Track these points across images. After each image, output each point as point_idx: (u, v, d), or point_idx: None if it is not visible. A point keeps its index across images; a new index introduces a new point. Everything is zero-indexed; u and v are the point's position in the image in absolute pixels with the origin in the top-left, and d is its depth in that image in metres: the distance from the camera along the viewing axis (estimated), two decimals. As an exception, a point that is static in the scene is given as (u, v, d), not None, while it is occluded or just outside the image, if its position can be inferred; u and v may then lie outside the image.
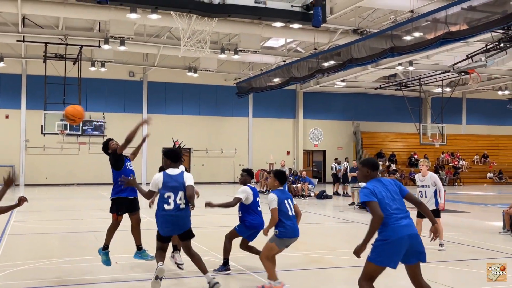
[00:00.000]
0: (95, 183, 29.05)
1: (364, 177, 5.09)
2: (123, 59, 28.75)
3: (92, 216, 15.00)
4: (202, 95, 33.30)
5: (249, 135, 34.58)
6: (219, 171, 33.49)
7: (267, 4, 3.41)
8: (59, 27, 23.87)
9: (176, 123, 32.51)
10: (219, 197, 23.55)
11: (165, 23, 21.81)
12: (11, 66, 28.39)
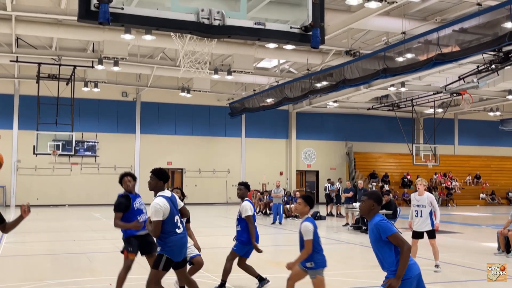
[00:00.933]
0: (87, 204, 28.83)
1: (370, 210, 4.88)
2: (116, 80, 28.78)
3: (84, 238, 14.84)
4: (195, 115, 33.33)
5: (242, 155, 34.56)
6: (212, 192, 33.36)
7: (266, 26, 3.42)
8: (52, 48, 23.90)
9: (169, 143, 32.47)
10: (211, 219, 23.46)
11: (158, 44, 21.92)
12: (3, 86, 28.35)
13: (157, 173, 5.95)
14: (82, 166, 30.14)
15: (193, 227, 7.37)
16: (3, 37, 22.26)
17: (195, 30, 3.40)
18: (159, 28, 3.52)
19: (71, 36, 21.57)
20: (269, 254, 10.90)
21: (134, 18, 3.32)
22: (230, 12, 3.48)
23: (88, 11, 3.20)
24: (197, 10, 3.41)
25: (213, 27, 3.41)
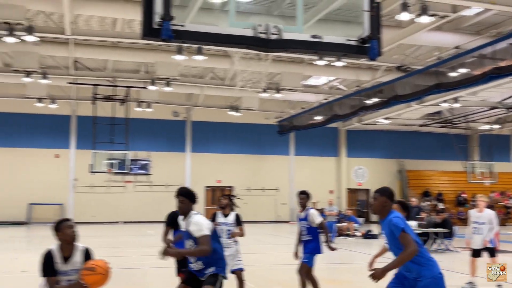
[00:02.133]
0: (140, 221, 29.37)
1: (382, 207, 4.75)
2: (168, 100, 29.43)
3: (138, 253, 15.12)
4: (244, 134, 33.58)
5: (291, 173, 34.48)
6: (261, 210, 33.35)
7: (323, 39, 3.46)
8: (108, 70, 24.72)
9: (218, 162, 32.78)
10: (261, 236, 23.45)
11: (209, 64, 22.33)
12: (62, 108, 29.41)
13: (189, 195, 5.40)
14: (136, 184, 30.81)
15: (244, 244, 7.40)
16: (61, 60, 23.22)
17: (253, 44, 3.48)
18: (218, 43, 3.62)
19: (125, 58, 22.32)
20: (323, 272, 10.80)
21: (195, 34, 3.44)
22: (286, 26, 3.54)
23: (151, 29, 3.33)
24: (254, 25, 3.49)
25: (270, 41, 3.48)
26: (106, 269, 4.72)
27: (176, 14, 3.37)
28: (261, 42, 3.46)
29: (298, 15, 3.55)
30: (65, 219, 5.08)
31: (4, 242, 18.87)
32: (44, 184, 29.68)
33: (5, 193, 28.95)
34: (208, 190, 32.49)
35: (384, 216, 4.78)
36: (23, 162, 29.65)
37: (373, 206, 4.88)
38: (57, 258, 4.87)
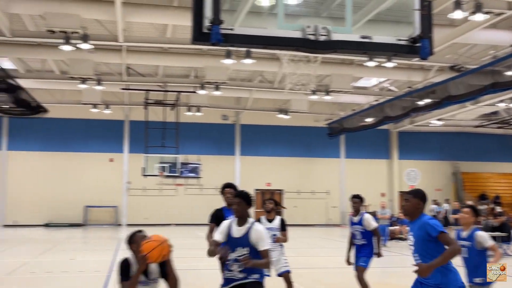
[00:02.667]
0: (191, 223, 29.78)
1: (415, 209, 4.69)
2: (217, 103, 29.75)
3: (191, 255, 15.32)
4: (293, 137, 33.50)
5: (342, 176, 34.14)
6: (311, 213, 33.18)
7: (372, 39, 3.42)
8: (158, 75, 25.24)
9: (268, 165, 32.85)
10: (312, 240, 23.33)
11: (257, 67, 22.43)
12: (115, 113, 30.23)
13: (246, 197, 5.24)
14: (186, 187, 31.27)
15: (294, 248, 7.39)
16: (115, 67, 23.87)
17: (302, 46, 3.48)
18: (267, 46, 3.64)
19: (176, 63, 22.73)
20: (375, 276, 10.64)
21: (243, 37, 3.47)
22: (335, 27, 3.52)
23: (201, 33, 3.39)
24: (302, 27, 3.50)
25: (319, 42, 3.47)
26: (162, 239, 4.65)
27: (225, 18, 3.41)
28: (310, 44, 3.46)
29: (347, 16, 3.53)
30: (138, 231, 4.99)
31: (62, 243, 19.54)
32: (99, 187, 30.57)
33: (63, 196, 29.99)
34: (257, 193, 32.60)
35: (415, 218, 4.74)
36: (79, 166, 30.64)
37: (405, 207, 4.83)
38: (133, 267, 4.77)
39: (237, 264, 5.03)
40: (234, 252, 5.11)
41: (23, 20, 18.00)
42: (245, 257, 4.94)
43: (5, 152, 30.13)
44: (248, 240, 5.05)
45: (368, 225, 7.89)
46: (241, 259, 5.00)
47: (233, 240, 5.16)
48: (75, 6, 15.59)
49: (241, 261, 4.96)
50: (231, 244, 5.15)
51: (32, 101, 20.31)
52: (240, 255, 5.04)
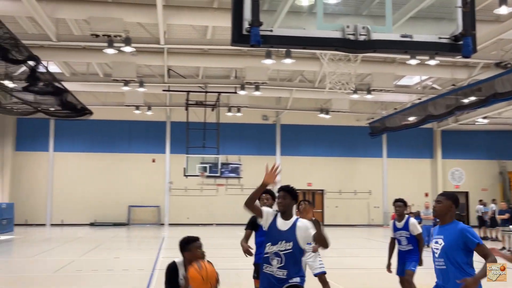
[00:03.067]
0: (232, 223, 29.97)
1: (447, 212, 4.59)
2: (257, 104, 29.83)
3: (232, 255, 15.43)
4: (334, 136, 33.27)
5: (384, 176, 33.69)
6: (353, 213, 32.88)
7: (413, 38, 3.38)
8: (199, 76, 25.50)
9: (308, 165, 32.73)
10: (354, 240, 23.11)
11: (297, 67, 22.38)
12: (157, 114, 30.73)
13: (291, 192, 5.15)
14: (227, 187, 31.48)
15: (336, 248, 7.33)
16: (156, 69, 24.26)
17: (341, 46, 3.47)
18: (306, 47, 3.64)
19: (216, 65, 22.91)
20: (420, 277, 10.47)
21: (283, 38, 3.48)
22: (375, 27, 3.49)
23: (240, 35, 3.42)
24: (342, 27, 3.48)
25: (358, 42, 3.45)
26: (209, 275, 4.51)
27: (264, 19, 3.43)
28: (350, 44, 3.44)
29: (387, 15, 3.49)
30: (194, 239, 4.93)
31: (107, 242, 19.99)
32: (142, 187, 31.13)
33: (107, 196, 30.68)
34: (298, 193, 32.43)
35: (446, 221, 4.64)
36: (123, 167, 31.29)
37: (436, 209, 4.71)
38: (181, 274, 4.76)
39: (277, 259, 4.81)
40: (275, 245, 4.87)
41: (68, 24, 18.50)
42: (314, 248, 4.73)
43: (52, 153, 31.05)
44: (294, 235, 4.85)
45: (414, 229, 7.65)
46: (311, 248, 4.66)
47: (277, 232, 4.93)
48: (118, 10, 15.92)
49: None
50: (274, 236, 4.91)
51: (77, 104, 20.84)
52: (283, 249, 4.81)
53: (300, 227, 4.89)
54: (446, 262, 4.52)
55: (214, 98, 25.69)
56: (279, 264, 4.82)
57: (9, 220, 24.75)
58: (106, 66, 23.48)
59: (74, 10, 16.08)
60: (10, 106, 21.75)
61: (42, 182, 30.69)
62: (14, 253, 17.29)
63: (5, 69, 16.10)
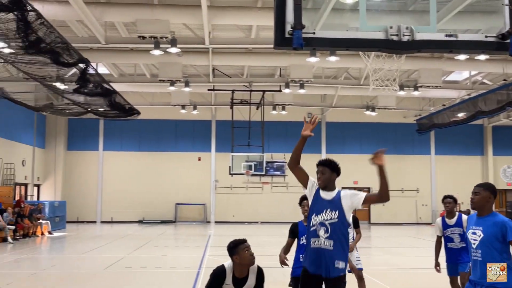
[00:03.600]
0: (278, 221, 30.03)
1: (485, 203, 4.50)
2: (302, 101, 29.74)
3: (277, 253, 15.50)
4: (381, 134, 32.82)
5: (432, 173, 33.01)
6: (400, 212, 32.36)
7: (458, 37, 3.32)
8: (244, 75, 25.65)
9: (354, 162, 32.36)
10: (401, 239, 22.77)
11: (342, 64, 22.21)
12: (202, 113, 31.11)
13: (330, 164, 5.06)
14: (273, 185, 31.55)
15: (381, 247, 7.26)
16: (201, 69, 24.56)
17: (384, 47, 3.46)
18: (349, 48, 3.64)
19: (261, 63, 22.99)
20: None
21: (325, 40, 3.49)
22: (419, 26, 3.46)
23: (283, 38, 3.46)
24: (385, 27, 3.46)
25: (402, 43, 3.42)
26: None
27: (306, 21, 3.45)
28: (393, 44, 3.42)
29: (431, 14, 3.45)
30: (241, 241, 4.90)
31: (155, 240, 20.41)
32: (189, 185, 31.59)
33: (155, 194, 31.30)
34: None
35: (484, 213, 4.54)
36: (169, 165, 31.83)
37: (474, 200, 4.61)
38: (228, 278, 4.75)
39: (324, 229, 4.66)
40: (320, 215, 4.74)
41: (116, 27, 18.98)
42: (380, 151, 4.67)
43: (101, 153, 31.90)
44: (339, 204, 4.77)
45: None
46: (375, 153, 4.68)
47: (321, 201, 4.82)
48: (164, 12, 16.22)
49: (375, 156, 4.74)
50: (319, 206, 4.79)
51: (125, 104, 21.35)
52: (329, 218, 4.68)
53: (345, 195, 4.84)
54: (483, 254, 4.45)
55: (259, 96, 25.80)
56: (326, 234, 4.67)
57: (62, 218, 25.59)
58: (153, 66, 23.95)
59: (122, 13, 16.49)
60: (61, 107, 22.52)
61: (93, 180, 31.59)
62: (67, 250, 17.88)
63: (57, 71, 16.69)
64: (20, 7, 9.60)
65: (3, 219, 19.08)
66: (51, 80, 17.39)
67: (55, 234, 22.57)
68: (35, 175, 29.46)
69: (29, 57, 12.85)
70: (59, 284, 10.48)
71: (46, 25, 11.06)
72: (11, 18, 10.15)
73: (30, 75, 15.42)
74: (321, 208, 4.76)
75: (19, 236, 19.94)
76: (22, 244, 18.33)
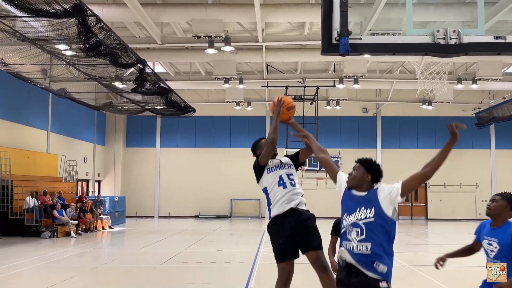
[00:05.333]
0: (333, 216, 29.88)
1: (501, 212, 4.39)
2: (357, 96, 29.46)
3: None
4: (438, 128, 32.07)
5: (492, 168, 31.98)
6: (459, 207, 31.59)
7: (506, 39, 3.31)
8: (297, 71, 25.68)
9: (411, 158, 31.82)
10: (460, 235, 22.24)
11: (398, 58, 21.85)
12: (256, 109, 31.36)
13: (366, 163, 4.33)
14: (327, 181, 31.43)
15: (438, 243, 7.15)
16: (255, 65, 24.77)
17: (431, 51, 3.48)
18: (395, 53, 3.69)
19: (314, 59, 22.93)
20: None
21: (372, 46, 3.56)
22: (466, 29, 3.47)
23: (330, 45, 3.56)
24: (432, 31, 3.49)
25: (449, 46, 3.44)
26: None
27: (354, 23, 3.52)
28: (439, 48, 3.45)
29: (479, 17, 3.45)
30: (260, 138, 5.10)
31: (211, 235, 20.84)
32: (243, 181, 31.90)
33: (210, 189, 31.88)
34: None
35: (499, 223, 4.45)
36: (224, 161, 32.31)
37: (490, 207, 4.52)
38: None
39: (356, 230, 3.98)
40: (352, 214, 4.07)
41: (172, 27, 19.45)
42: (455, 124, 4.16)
43: (159, 149, 32.75)
44: (376, 198, 4.09)
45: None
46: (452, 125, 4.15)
47: (354, 198, 4.17)
48: (218, 11, 16.49)
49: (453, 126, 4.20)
50: (352, 203, 4.14)
51: (181, 102, 21.85)
52: (363, 217, 3.99)
53: (382, 189, 4.16)
54: (504, 261, 4.42)
55: (313, 92, 25.76)
56: (360, 237, 3.95)
57: (121, 213, 26.50)
58: (208, 64, 24.37)
59: (177, 14, 16.88)
60: (120, 105, 23.30)
61: (150, 176, 32.50)
62: (126, 244, 18.56)
63: (116, 71, 17.32)
64: (81, 12, 10.05)
65: (66, 214, 19.99)
66: (110, 80, 18.06)
67: (115, 228, 23.42)
68: (96, 171, 30.64)
69: (89, 59, 13.42)
70: (119, 278, 10.95)
71: (105, 29, 11.53)
72: (72, 23, 10.66)
73: (90, 75, 16.09)
74: (354, 206, 4.11)
75: (82, 230, 20.83)
76: (85, 238, 19.15)
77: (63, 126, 25.96)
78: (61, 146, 25.54)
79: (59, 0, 9.47)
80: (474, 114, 29.05)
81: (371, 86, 27.48)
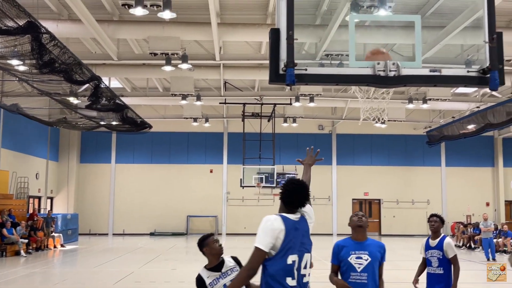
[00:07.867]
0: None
1: None
2: (313, 114, 29.95)
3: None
4: (391, 145, 32.92)
5: (443, 185, 32.97)
6: (411, 223, 32.34)
7: (442, 72, 3.54)
8: (255, 89, 25.95)
9: (365, 174, 32.51)
10: (411, 251, 22.75)
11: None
12: (214, 126, 31.44)
13: None
14: (283, 197, 31.69)
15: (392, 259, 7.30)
16: (213, 82, 24.91)
17: (372, 82, 3.68)
18: (339, 83, 3.87)
19: (271, 77, 23.24)
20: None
21: (317, 77, 3.73)
22: (404, 62, 3.68)
23: (277, 75, 3.70)
24: (373, 64, 3.69)
25: (389, 78, 3.64)
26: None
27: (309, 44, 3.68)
28: (380, 80, 3.64)
29: (416, 51, 3.66)
30: (209, 235, 5.17)
31: (165, 253, 20.65)
32: (200, 197, 31.86)
33: (167, 206, 31.61)
34: (355, 202, 32.38)
35: None
36: (181, 177, 32.14)
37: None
38: (206, 275, 4.94)
39: None
40: None
41: (129, 43, 19.38)
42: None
43: (114, 165, 32.31)
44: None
45: (447, 251, 6.46)
46: None
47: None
48: (175, 29, 16.55)
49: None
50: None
51: (137, 119, 21.72)
52: None
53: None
54: None
55: (270, 109, 26.07)
56: None
57: (74, 230, 25.95)
58: (165, 80, 24.34)
59: (134, 31, 16.86)
60: (75, 121, 22.96)
61: (105, 193, 31.99)
62: (78, 263, 18.19)
63: (70, 87, 17.11)
64: (35, 29, 9.95)
65: (16, 232, 19.46)
66: (65, 95, 17.81)
67: (67, 247, 22.91)
68: (49, 188, 29.93)
69: (43, 75, 13.24)
70: (71, 297, 10.75)
71: (60, 46, 11.43)
72: (26, 39, 10.53)
73: (43, 91, 15.84)
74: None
75: (32, 249, 20.30)
76: (35, 258, 18.67)
77: (15, 141, 25.32)
78: (12, 162, 24.89)
79: (12, 17, 9.36)
80: (425, 132, 29.94)
81: (327, 104, 28.02)
